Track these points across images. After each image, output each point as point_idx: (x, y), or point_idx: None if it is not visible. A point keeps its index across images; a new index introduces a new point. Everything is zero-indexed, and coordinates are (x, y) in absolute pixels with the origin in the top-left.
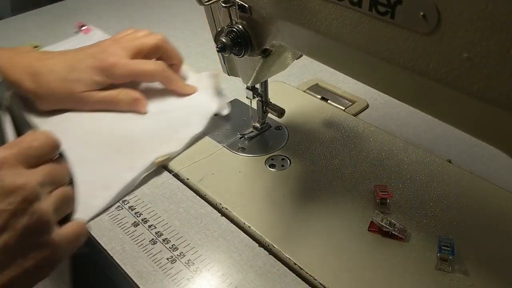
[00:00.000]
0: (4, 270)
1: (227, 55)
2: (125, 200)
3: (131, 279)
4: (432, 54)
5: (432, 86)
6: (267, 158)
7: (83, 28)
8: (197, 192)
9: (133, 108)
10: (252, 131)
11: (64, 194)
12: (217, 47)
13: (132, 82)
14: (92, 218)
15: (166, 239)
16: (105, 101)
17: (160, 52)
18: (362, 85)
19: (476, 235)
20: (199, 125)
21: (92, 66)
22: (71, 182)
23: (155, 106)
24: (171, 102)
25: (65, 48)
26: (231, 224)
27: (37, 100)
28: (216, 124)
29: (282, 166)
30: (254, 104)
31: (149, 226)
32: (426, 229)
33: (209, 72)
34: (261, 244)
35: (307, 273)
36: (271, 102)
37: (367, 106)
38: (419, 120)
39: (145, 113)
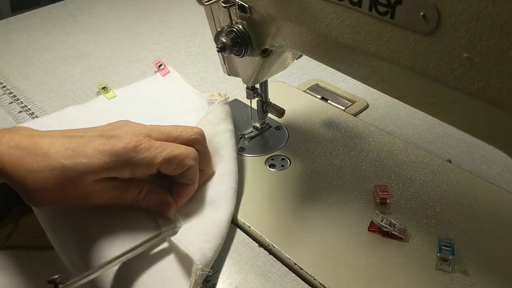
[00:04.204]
0: None
1: (227, 55)
2: None
3: None
4: (432, 54)
5: (432, 86)
6: (267, 158)
7: (162, 68)
8: None
9: (159, 212)
10: (252, 131)
11: None
12: (217, 47)
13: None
14: None
15: None
16: (120, 201)
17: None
18: (362, 85)
19: (476, 235)
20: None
21: (101, 150)
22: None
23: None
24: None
25: (137, 92)
26: (231, 224)
27: (25, 195)
28: None
29: (282, 166)
30: (254, 104)
31: None
32: (426, 229)
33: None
34: (261, 244)
35: (307, 273)
36: (271, 102)
37: (367, 106)
38: (419, 120)
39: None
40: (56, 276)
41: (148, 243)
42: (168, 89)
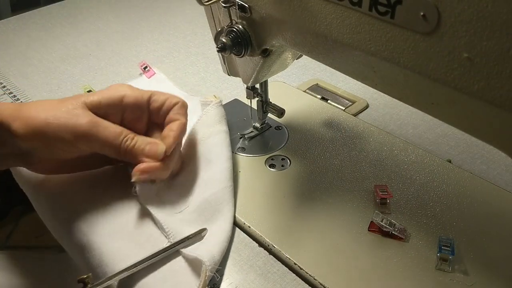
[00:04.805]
0: None
1: (227, 55)
2: None
3: None
4: (432, 54)
5: (432, 86)
6: (267, 158)
7: (147, 70)
8: None
9: (147, 152)
10: (252, 131)
11: None
12: (217, 47)
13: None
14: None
15: None
16: (110, 146)
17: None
18: (362, 85)
19: (476, 235)
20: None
21: (91, 99)
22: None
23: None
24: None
25: None
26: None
27: (16, 137)
28: None
29: (282, 166)
30: (254, 104)
31: None
32: (426, 229)
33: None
34: (261, 244)
35: (307, 273)
36: (271, 102)
37: (367, 106)
38: (419, 120)
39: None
40: (85, 276)
41: (168, 250)
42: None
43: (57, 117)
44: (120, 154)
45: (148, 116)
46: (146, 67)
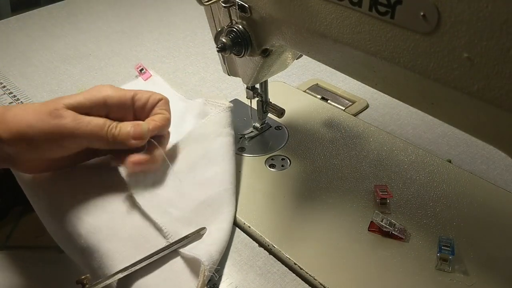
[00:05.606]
0: None
1: (227, 55)
2: None
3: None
4: (432, 54)
5: (432, 86)
6: (267, 158)
7: (143, 72)
8: None
9: (133, 134)
10: (252, 131)
11: None
12: (217, 47)
13: None
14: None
15: None
16: (99, 127)
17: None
18: (362, 85)
19: (476, 235)
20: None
21: (73, 100)
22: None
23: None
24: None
25: None
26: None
27: (1, 142)
28: None
29: (282, 166)
30: (254, 104)
31: None
32: (426, 229)
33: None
34: (261, 244)
35: (307, 273)
36: (271, 102)
37: (367, 106)
38: (419, 120)
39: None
40: (83, 277)
41: (167, 249)
42: None
43: (40, 119)
44: (109, 144)
45: (133, 114)
46: (142, 69)
